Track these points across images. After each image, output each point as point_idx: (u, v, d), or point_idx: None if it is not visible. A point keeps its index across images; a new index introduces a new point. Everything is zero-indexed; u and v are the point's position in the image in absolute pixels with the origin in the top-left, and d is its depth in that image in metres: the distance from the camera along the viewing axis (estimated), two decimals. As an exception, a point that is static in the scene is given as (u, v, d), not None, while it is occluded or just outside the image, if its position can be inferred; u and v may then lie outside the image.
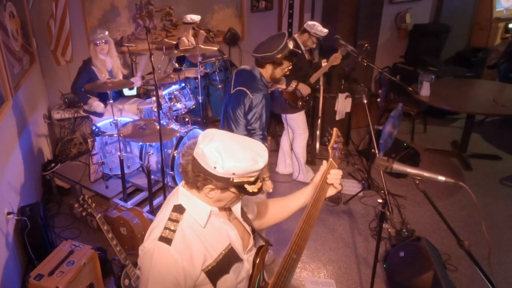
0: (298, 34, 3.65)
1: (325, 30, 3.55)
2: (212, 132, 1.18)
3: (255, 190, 1.17)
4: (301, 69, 3.63)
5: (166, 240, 1.16)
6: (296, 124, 3.81)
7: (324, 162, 1.51)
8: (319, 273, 2.91)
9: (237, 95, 2.40)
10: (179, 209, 1.22)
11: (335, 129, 1.61)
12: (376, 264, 2.43)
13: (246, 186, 1.16)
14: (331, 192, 1.47)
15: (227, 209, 1.35)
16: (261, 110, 2.31)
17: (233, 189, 1.18)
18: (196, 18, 4.35)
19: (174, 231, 1.18)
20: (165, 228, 1.19)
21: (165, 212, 1.24)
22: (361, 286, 2.78)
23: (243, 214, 1.39)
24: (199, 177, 1.17)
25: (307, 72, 3.68)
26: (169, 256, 1.15)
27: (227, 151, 1.12)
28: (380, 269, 2.86)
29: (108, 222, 2.67)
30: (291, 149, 4.00)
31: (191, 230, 1.20)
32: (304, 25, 3.60)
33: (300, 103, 3.66)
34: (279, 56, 2.28)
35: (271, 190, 2.51)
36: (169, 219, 1.21)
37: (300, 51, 3.55)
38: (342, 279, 2.84)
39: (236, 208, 1.38)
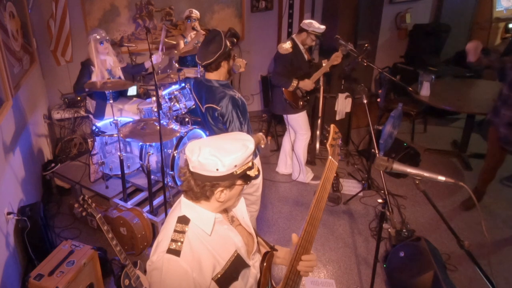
0: (296, 34, 3.64)
1: (322, 27, 3.53)
2: (194, 143, 1.21)
3: (256, 172, 1.23)
4: (300, 68, 3.63)
5: (175, 252, 1.17)
6: (297, 124, 3.80)
7: (329, 159, 1.50)
8: (319, 273, 2.91)
9: (209, 113, 2.43)
10: (183, 220, 1.23)
11: (332, 126, 1.61)
12: (376, 264, 2.43)
13: (248, 172, 1.21)
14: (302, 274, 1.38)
15: (230, 217, 1.36)
16: (231, 114, 2.34)
17: (239, 182, 1.22)
18: (188, 11, 4.37)
19: (181, 242, 1.18)
20: (172, 240, 1.19)
21: (170, 224, 1.24)
22: (361, 286, 2.78)
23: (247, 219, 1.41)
24: (206, 187, 1.19)
25: (307, 71, 3.67)
26: (179, 268, 1.15)
27: (220, 150, 1.16)
28: (380, 269, 2.86)
29: (108, 222, 2.67)
30: (292, 149, 4.00)
31: (198, 239, 1.21)
32: (301, 25, 3.59)
33: (301, 103, 3.66)
34: (228, 48, 2.35)
35: (263, 146, 2.56)
36: (175, 231, 1.21)
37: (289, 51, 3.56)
38: (342, 279, 2.84)
39: (242, 213, 1.40)
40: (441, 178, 1.43)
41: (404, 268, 2.65)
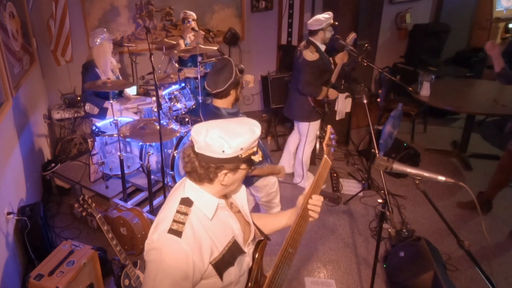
0: (313, 37, 3.46)
1: (329, 14, 3.40)
2: (201, 125, 1.22)
3: (260, 158, 1.24)
4: (327, 70, 3.52)
5: (176, 232, 1.16)
6: (313, 131, 3.71)
7: (324, 157, 1.52)
8: (319, 273, 2.91)
9: None
10: (187, 202, 1.23)
11: (329, 126, 1.66)
12: (376, 264, 2.43)
13: (252, 157, 1.22)
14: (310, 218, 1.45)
15: (229, 203, 1.38)
16: None
17: (243, 166, 1.23)
18: (182, 13, 4.37)
19: (183, 223, 1.18)
20: (174, 220, 1.19)
21: (172, 205, 1.24)
22: (361, 286, 2.78)
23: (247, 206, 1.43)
24: (210, 168, 1.20)
25: (331, 71, 3.56)
26: (179, 249, 1.15)
27: (228, 132, 1.17)
28: (380, 269, 2.86)
29: (108, 222, 2.67)
30: (296, 152, 3.97)
31: (199, 223, 1.21)
32: (310, 28, 3.42)
33: (326, 106, 3.60)
34: (238, 77, 2.37)
35: (281, 178, 2.67)
36: (178, 211, 1.21)
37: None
38: (342, 279, 2.84)
39: (242, 202, 1.42)
40: (441, 178, 1.43)
41: (404, 268, 2.65)
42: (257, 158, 1.23)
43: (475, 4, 6.07)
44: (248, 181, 2.63)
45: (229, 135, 1.16)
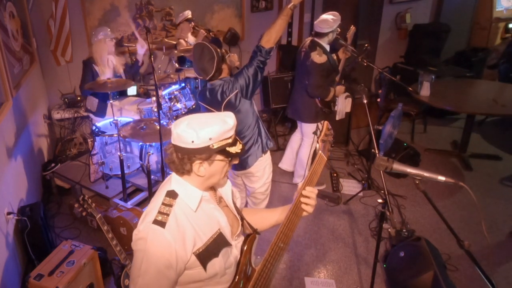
0: (319, 38, 3.41)
1: (335, 17, 3.35)
2: (180, 119, 1.27)
3: (238, 150, 1.26)
4: (335, 70, 3.52)
5: (160, 223, 1.21)
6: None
7: (319, 153, 1.51)
8: (319, 273, 2.91)
9: (233, 104, 2.51)
10: (172, 194, 1.28)
11: (325, 122, 1.64)
12: (376, 264, 2.43)
13: (228, 149, 1.23)
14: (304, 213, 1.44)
15: (218, 197, 1.40)
16: (241, 80, 2.47)
17: (218, 157, 1.25)
18: (186, 13, 4.35)
19: (167, 214, 1.23)
20: (159, 212, 1.24)
21: (159, 197, 1.30)
22: (361, 286, 2.78)
23: (234, 201, 1.46)
24: (184, 159, 1.24)
25: (338, 71, 3.57)
26: (163, 238, 1.20)
27: (197, 123, 1.21)
28: (380, 269, 2.86)
29: (108, 222, 2.67)
30: (297, 153, 3.97)
31: (183, 214, 1.26)
32: (320, 31, 3.35)
33: (333, 105, 3.61)
34: (220, 52, 2.46)
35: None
36: (163, 203, 1.26)
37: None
38: (342, 279, 2.84)
39: (227, 195, 1.45)
40: (441, 178, 1.43)
41: (404, 268, 2.65)
42: (234, 149, 1.24)
43: (475, 4, 6.07)
44: (243, 164, 2.63)
45: (198, 126, 1.20)
